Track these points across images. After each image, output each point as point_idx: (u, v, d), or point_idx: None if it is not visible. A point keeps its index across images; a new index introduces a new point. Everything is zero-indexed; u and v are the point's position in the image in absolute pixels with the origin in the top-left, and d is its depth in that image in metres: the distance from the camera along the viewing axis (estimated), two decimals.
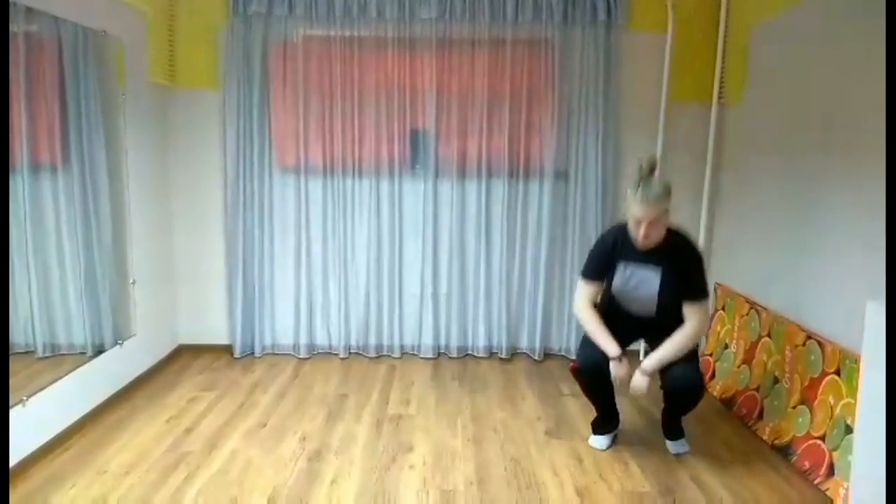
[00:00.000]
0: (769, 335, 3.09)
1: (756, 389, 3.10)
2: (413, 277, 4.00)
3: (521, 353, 4.11)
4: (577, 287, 2.77)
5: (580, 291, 2.74)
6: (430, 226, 3.92)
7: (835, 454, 2.46)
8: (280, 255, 3.95)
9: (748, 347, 3.27)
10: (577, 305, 2.74)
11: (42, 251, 2.74)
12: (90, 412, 3.03)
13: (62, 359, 2.88)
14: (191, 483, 2.48)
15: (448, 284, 4.00)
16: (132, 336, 3.43)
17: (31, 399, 2.59)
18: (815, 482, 2.51)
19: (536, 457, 2.75)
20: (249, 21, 3.70)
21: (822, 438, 2.55)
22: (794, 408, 2.77)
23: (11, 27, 2.43)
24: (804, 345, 2.79)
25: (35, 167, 2.70)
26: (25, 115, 2.59)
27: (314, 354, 4.04)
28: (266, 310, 3.98)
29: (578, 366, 2.72)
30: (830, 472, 2.45)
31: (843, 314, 2.59)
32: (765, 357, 3.10)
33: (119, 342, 3.30)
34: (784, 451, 2.74)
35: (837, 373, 2.54)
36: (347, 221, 3.92)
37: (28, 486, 2.43)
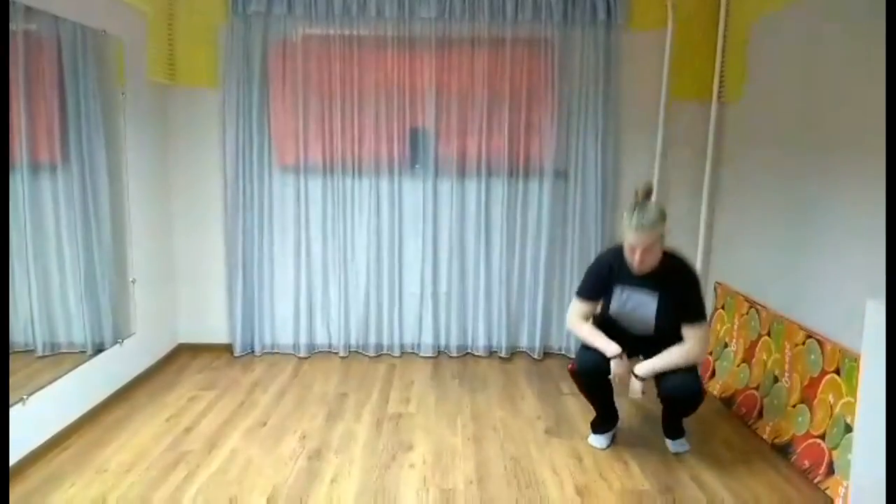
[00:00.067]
0: (769, 334, 3.09)
1: (756, 388, 3.10)
2: (413, 276, 4.00)
3: (521, 353, 4.11)
4: (571, 304, 2.80)
5: (574, 309, 2.78)
6: (430, 225, 3.92)
7: (834, 453, 2.46)
8: (280, 254, 3.95)
9: (748, 346, 3.27)
10: (570, 321, 2.79)
11: (42, 250, 2.74)
12: (90, 411, 3.03)
13: (62, 357, 2.88)
14: (190, 482, 2.48)
15: (448, 283, 4.00)
16: (132, 335, 3.43)
17: (31, 398, 2.59)
18: (815, 481, 2.51)
19: (536, 456, 2.75)
20: (249, 20, 3.70)
21: (822, 437, 2.55)
22: (794, 407, 2.77)
23: (11, 26, 2.43)
24: (804, 344, 2.79)
25: (35, 166, 2.70)
26: (25, 115, 2.58)
27: (314, 353, 4.04)
28: (266, 309, 3.98)
29: (577, 367, 2.72)
30: (830, 471, 2.45)
31: (843, 313, 2.59)
32: (764, 356, 3.09)
33: (119, 341, 3.30)
34: (784, 450, 2.74)
35: (837, 372, 2.54)
36: (347, 220, 3.92)
37: (27, 485, 2.43)
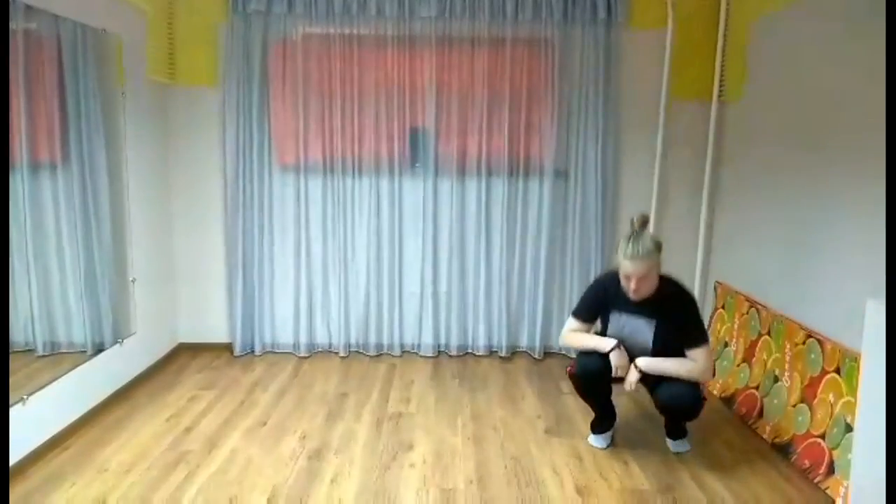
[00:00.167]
0: (769, 333, 3.09)
1: (756, 388, 3.10)
2: (413, 276, 3.99)
3: (521, 352, 4.11)
4: (566, 323, 2.84)
5: (568, 327, 2.83)
6: (430, 224, 3.92)
7: (835, 453, 2.46)
8: (280, 254, 3.94)
9: (748, 346, 3.27)
10: (563, 336, 2.84)
11: (42, 249, 2.74)
12: (90, 411, 3.03)
13: (62, 357, 2.88)
14: (191, 482, 2.48)
15: (448, 283, 3.99)
16: (132, 334, 3.43)
17: (31, 397, 2.58)
18: (815, 481, 2.51)
19: (536, 455, 2.75)
20: (249, 19, 3.69)
21: (823, 437, 2.55)
22: (794, 406, 2.77)
23: (11, 25, 2.42)
24: (804, 343, 2.79)
25: (35, 166, 2.70)
26: (25, 114, 2.58)
27: (314, 353, 4.04)
28: (266, 308, 3.97)
29: (576, 370, 2.72)
30: (830, 471, 2.45)
31: (844, 312, 2.58)
32: (765, 355, 3.09)
33: (119, 341, 3.30)
34: (784, 450, 2.74)
35: (837, 371, 2.54)
36: (347, 220, 3.92)
37: (28, 485, 2.42)
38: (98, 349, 3.13)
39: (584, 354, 2.71)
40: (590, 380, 2.72)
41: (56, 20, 2.73)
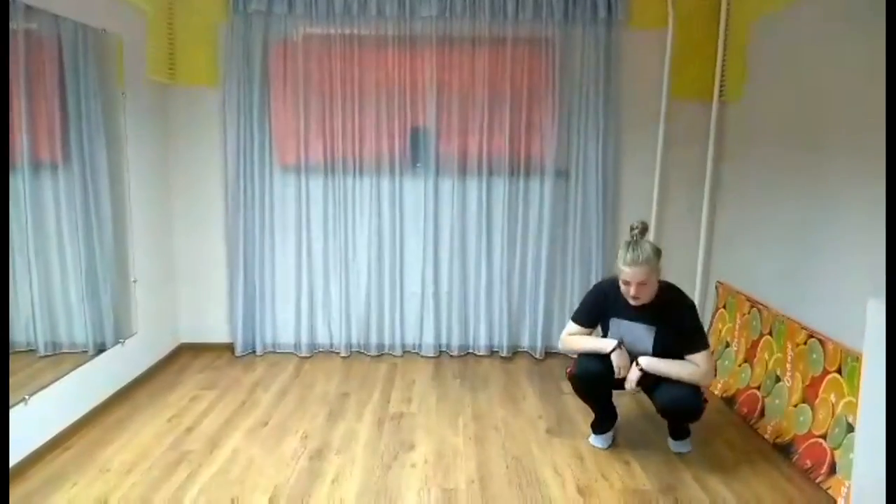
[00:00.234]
0: (770, 333, 3.09)
1: (757, 388, 3.10)
2: (414, 276, 3.99)
3: (523, 352, 4.11)
4: (566, 327, 2.84)
5: (567, 331, 2.82)
6: (431, 224, 3.92)
7: (836, 453, 2.46)
8: (281, 254, 3.94)
9: (749, 346, 3.27)
10: (562, 340, 2.84)
11: (43, 249, 2.74)
12: (91, 411, 3.03)
13: (63, 357, 2.88)
14: (192, 482, 2.48)
15: (449, 283, 3.99)
16: (133, 335, 3.43)
17: (33, 398, 2.59)
18: (817, 481, 2.51)
19: (538, 455, 2.75)
20: (249, 19, 3.69)
21: (824, 437, 2.55)
22: (796, 406, 2.77)
23: (11, 25, 2.42)
24: (805, 343, 2.79)
25: (35, 165, 2.70)
26: (25, 114, 2.58)
27: (315, 353, 4.04)
28: (267, 308, 3.97)
29: (576, 371, 2.73)
30: (832, 471, 2.45)
31: (845, 312, 2.58)
32: (766, 355, 3.09)
33: (120, 341, 3.30)
34: (785, 450, 2.74)
35: (839, 371, 2.54)
36: (348, 220, 3.92)
37: (29, 485, 2.43)
38: (99, 349, 3.13)
39: (585, 356, 2.72)
40: (590, 381, 2.72)
41: (56, 20, 2.73)
